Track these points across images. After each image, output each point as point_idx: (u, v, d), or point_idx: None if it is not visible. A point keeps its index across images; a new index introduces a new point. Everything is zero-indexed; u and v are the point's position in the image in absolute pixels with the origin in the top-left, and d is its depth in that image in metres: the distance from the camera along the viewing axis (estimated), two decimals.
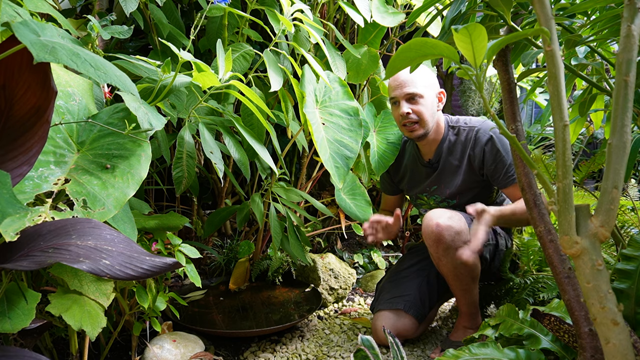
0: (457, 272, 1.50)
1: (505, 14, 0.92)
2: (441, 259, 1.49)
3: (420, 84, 1.54)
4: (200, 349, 1.47)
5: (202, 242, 2.08)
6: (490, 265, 1.63)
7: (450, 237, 1.45)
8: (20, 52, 0.73)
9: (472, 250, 1.28)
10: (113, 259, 0.71)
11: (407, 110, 1.54)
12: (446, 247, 1.46)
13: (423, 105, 1.55)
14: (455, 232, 1.45)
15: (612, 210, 0.69)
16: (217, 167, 1.38)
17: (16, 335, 0.93)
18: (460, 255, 1.37)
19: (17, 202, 0.63)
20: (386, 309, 1.64)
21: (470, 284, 1.54)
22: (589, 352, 0.85)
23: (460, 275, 1.51)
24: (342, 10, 2.06)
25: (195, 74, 1.20)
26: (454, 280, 1.53)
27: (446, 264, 1.49)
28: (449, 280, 1.55)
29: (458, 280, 1.52)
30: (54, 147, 0.97)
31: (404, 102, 1.55)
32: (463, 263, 1.48)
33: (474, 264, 1.50)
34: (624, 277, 0.91)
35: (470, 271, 1.51)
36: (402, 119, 1.57)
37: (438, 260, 1.51)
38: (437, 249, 1.48)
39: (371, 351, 1.00)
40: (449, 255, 1.47)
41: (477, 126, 1.60)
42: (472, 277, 1.52)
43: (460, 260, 1.44)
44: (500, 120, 0.74)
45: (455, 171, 1.63)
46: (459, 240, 1.46)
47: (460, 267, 1.48)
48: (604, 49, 1.18)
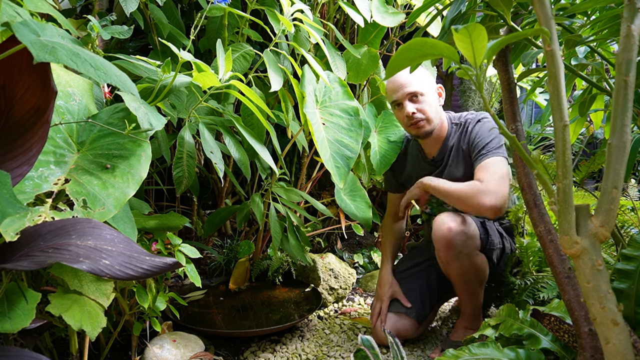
0: (466, 277, 1.49)
1: (505, 14, 0.92)
2: (450, 263, 1.48)
3: (419, 82, 1.54)
4: (200, 349, 1.47)
5: (202, 242, 2.08)
6: (496, 268, 1.63)
7: (462, 241, 1.44)
8: (21, 52, 0.73)
9: (401, 204, 1.63)
10: (113, 259, 0.71)
11: (412, 110, 1.53)
12: (457, 251, 1.45)
13: (426, 103, 1.54)
14: (467, 237, 1.45)
15: (612, 210, 0.69)
16: (217, 167, 1.38)
17: (16, 335, 0.93)
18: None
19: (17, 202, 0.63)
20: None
21: (478, 287, 1.53)
22: (589, 352, 0.85)
23: (469, 279, 1.50)
24: (342, 10, 2.06)
25: (195, 74, 1.19)
26: (461, 284, 1.52)
27: (455, 268, 1.48)
28: (456, 284, 1.54)
29: (466, 285, 1.51)
30: (54, 147, 0.97)
31: (407, 102, 1.54)
32: (473, 267, 1.48)
33: (483, 268, 1.50)
34: (624, 277, 0.91)
35: (479, 275, 1.50)
36: (408, 119, 1.55)
37: (447, 264, 1.50)
38: (447, 253, 1.46)
39: (371, 351, 0.99)
40: (459, 260, 1.46)
41: (470, 117, 1.60)
42: (479, 281, 1.52)
43: (470, 264, 1.45)
44: (500, 120, 0.74)
45: (457, 168, 1.63)
46: (470, 246, 1.46)
47: (470, 271, 1.48)
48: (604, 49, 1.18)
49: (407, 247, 2.08)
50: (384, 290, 1.68)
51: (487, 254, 1.53)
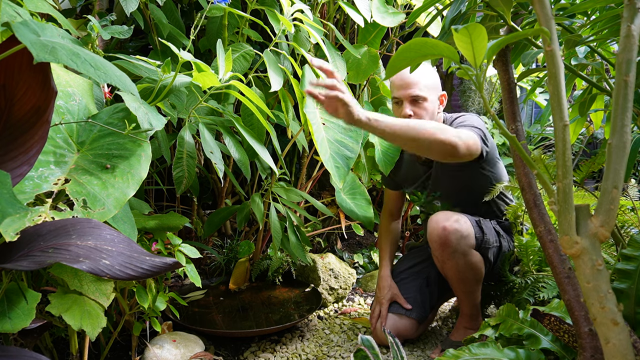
0: (462, 276, 1.50)
1: (505, 14, 0.92)
2: (446, 262, 1.48)
3: (425, 87, 1.54)
4: (200, 349, 1.47)
5: (202, 242, 2.07)
6: (493, 267, 1.63)
7: (457, 240, 1.44)
8: (21, 52, 0.73)
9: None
10: (113, 259, 0.71)
11: (410, 113, 1.54)
12: (452, 250, 1.45)
13: (425, 109, 1.54)
14: (461, 235, 1.45)
15: (612, 210, 0.69)
16: (217, 167, 1.38)
17: (16, 335, 0.93)
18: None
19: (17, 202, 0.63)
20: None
21: (474, 286, 1.53)
22: (589, 352, 0.85)
23: (465, 278, 1.50)
24: (342, 10, 2.06)
25: (195, 74, 1.19)
26: (458, 283, 1.52)
27: (451, 267, 1.48)
28: (453, 283, 1.54)
29: (462, 283, 1.52)
30: (54, 147, 0.97)
31: (407, 104, 1.54)
32: (469, 266, 1.48)
33: (479, 267, 1.50)
34: (624, 277, 0.91)
35: (475, 274, 1.50)
36: None
37: (443, 263, 1.50)
38: (443, 252, 1.47)
39: (371, 351, 0.99)
40: (455, 259, 1.46)
41: (456, 118, 1.61)
42: (476, 280, 1.52)
43: (466, 263, 1.45)
44: (500, 120, 0.74)
45: (449, 168, 1.63)
46: (465, 244, 1.46)
47: (466, 270, 1.48)
48: (604, 49, 1.18)
49: (407, 247, 2.08)
50: (383, 293, 1.68)
51: (483, 252, 1.54)
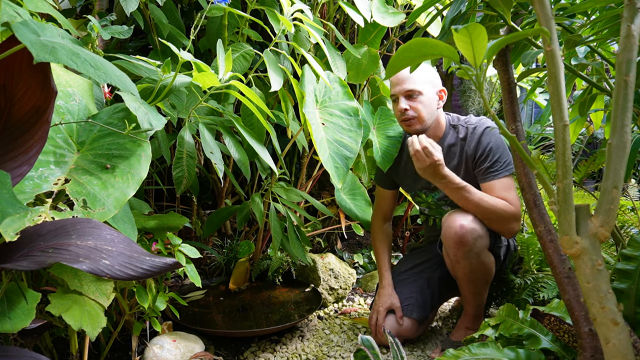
0: (473, 276, 1.49)
1: (505, 14, 0.92)
2: (460, 261, 1.47)
3: (420, 81, 1.55)
4: (200, 349, 1.47)
5: (202, 242, 2.08)
6: (502, 266, 1.63)
7: (473, 239, 1.44)
8: (21, 52, 0.73)
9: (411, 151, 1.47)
10: (113, 259, 0.71)
11: (405, 107, 1.55)
12: (468, 249, 1.44)
13: (421, 102, 1.55)
14: (478, 235, 1.44)
15: (612, 210, 0.69)
16: (217, 167, 1.38)
17: (16, 335, 0.93)
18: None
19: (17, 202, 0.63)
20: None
21: (483, 287, 1.53)
22: (589, 352, 0.85)
23: (475, 279, 1.50)
24: (342, 10, 2.06)
25: (195, 74, 1.19)
26: (467, 283, 1.51)
27: (464, 266, 1.47)
28: (462, 283, 1.53)
29: (472, 284, 1.51)
30: (54, 147, 0.97)
31: (403, 99, 1.56)
32: (481, 266, 1.48)
33: (490, 267, 1.51)
34: (624, 277, 0.91)
35: (486, 275, 1.50)
36: (401, 114, 1.58)
37: (455, 262, 1.49)
38: (458, 251, 1.46)
39: (371, 351, 1.00)
40: (468, 259, 1.46)
41: (475, 124, 1.60)
42: (486, 281, 1.52)
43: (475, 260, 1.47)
44: (500, 120, 0.74)
45: (454, 170, 1.63)
46: (481, 244, 1.46)
47: (478, 270, 1.48)
48: (604, 49, 1.18)
49: (408, 247, 2.08)
50: (382, 301, 1.66)
51: (495, 251, 1.54)
